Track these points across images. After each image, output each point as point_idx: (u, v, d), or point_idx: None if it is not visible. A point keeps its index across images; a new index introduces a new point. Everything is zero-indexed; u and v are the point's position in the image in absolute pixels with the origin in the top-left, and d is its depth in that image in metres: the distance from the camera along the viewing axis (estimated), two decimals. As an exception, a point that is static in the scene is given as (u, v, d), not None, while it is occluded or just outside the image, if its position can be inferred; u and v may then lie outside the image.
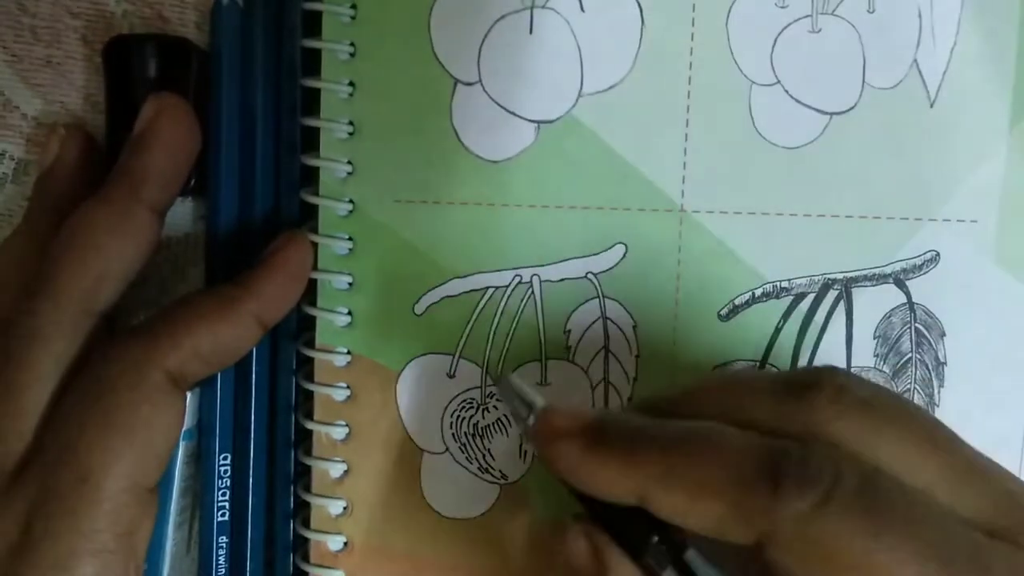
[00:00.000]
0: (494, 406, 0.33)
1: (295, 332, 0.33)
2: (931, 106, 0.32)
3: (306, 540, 0.34)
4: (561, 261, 0.32)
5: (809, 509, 0.22)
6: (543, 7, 0.31)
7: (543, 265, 0.33)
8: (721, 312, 0.32)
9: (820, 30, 0.31)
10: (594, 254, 0.32)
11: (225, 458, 0.33)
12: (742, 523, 0.23)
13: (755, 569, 0.23)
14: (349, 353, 0.33)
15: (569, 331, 0.33)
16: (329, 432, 0.33)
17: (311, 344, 0.33)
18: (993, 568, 0.22)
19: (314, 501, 0.33)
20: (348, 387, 0.33)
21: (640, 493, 0.24)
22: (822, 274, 0.32)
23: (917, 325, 0.33)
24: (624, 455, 0.24)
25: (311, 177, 0.33)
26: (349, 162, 0.32)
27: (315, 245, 0.33)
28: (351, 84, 0.32)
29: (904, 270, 0.32)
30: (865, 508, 0.22)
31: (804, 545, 0.22)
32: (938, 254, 0.32)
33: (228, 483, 0.33)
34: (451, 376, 0.33)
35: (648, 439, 0.24)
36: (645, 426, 0.25)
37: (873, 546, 0.21)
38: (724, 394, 0.26)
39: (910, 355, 0.33)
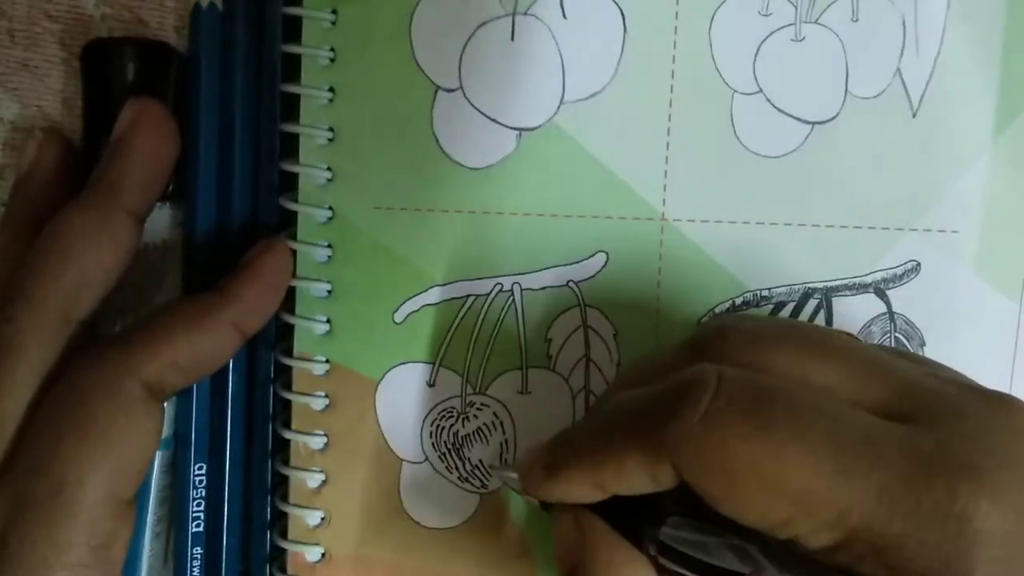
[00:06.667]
0: (474, 415, 0.33)
1: (273, 340, 0.33)
2: (914, 116, 0.31)
3: (283, 551, 0.34)
4: (542, 269, 0.32)
5: (699, 421, 0.22)
6: (525, 14, 0.31)
7: (524, 273, 0.32)
8: (702, 320, 0.32)
9: (803, 39, 0.31)
10: (575, 262, 0.32)
11: (200, 468, 0.33)
12: (660, 463, 0.23)
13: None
14: (328, 362, 0.33)
15: (550, 339, 0.33)
16: (307, 442, 0.33)
17: (289, 352, 0.33)
18: (884, 446, 0.21)
19: (292, 511, 0.33)
20: (326, 396, 0.33)
21: (598, 486, 0.25)
22: (802, 283, 0.32)
23: (897, 335, 0.32)
24: (568, 463, 0.26)
25: (290, 183, 0.33)
26: (329, 168, 0.32)
27: (294, 252, 0.32)
28: (331, 90, 0.32)
29: (884, 280, 0.32)
30: (749, 407, 0.22)
31: (703, 459, 0.22)
32: (919, 264, 0.32)
33: (203, 493, 0.33)
34: (431, 385, 0.33)
35: (578, 439, 0.26)
36: (573, 429, 0.27)
37: (762, 446, 0.21)
38: (638, 373, 0.28)
39: (891, 365, 0.33)
